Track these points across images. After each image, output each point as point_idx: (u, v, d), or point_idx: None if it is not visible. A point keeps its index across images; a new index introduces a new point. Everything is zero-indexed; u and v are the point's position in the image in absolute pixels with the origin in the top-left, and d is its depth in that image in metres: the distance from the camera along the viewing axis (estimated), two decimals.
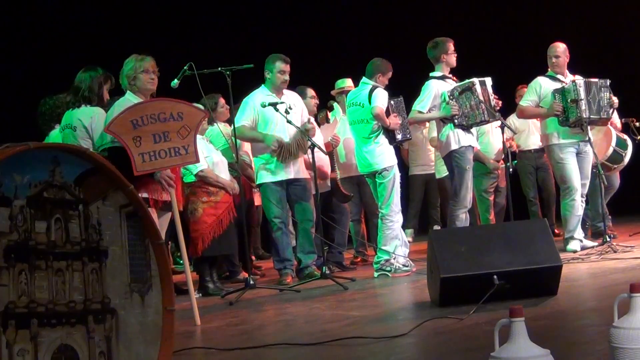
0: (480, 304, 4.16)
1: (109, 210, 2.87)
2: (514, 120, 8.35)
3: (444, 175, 8.33)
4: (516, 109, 7.58)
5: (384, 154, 6.64)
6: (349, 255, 7.90)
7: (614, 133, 7.65)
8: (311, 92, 7.45)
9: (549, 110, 7.06)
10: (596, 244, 7.03)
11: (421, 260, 6.43)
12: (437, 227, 9.35)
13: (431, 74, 6.99)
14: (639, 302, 2.46)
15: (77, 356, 2.67)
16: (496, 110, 6.84)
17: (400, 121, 6.67)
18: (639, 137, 8.06)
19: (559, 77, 7.23)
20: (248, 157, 7.38)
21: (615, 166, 7.80)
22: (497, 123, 7.08)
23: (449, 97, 6.78)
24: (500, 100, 7.01)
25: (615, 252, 6.44)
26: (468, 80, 6.79)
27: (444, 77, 6.93)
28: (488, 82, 6.90)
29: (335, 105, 7.84)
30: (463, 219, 6.77)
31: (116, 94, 5.24)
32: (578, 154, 7.09)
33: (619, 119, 8.04)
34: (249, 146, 7.54)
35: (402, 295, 5.66)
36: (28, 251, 2.57)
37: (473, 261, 4.38)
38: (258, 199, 7.85)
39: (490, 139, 7.99)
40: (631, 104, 7.56)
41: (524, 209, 8.92)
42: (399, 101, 6.77)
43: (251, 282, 5.85)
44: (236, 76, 5.99)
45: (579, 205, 7.04)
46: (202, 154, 6.23)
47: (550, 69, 7.29)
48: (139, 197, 3.00)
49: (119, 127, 4.54)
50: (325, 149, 6.94)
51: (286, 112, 6.36)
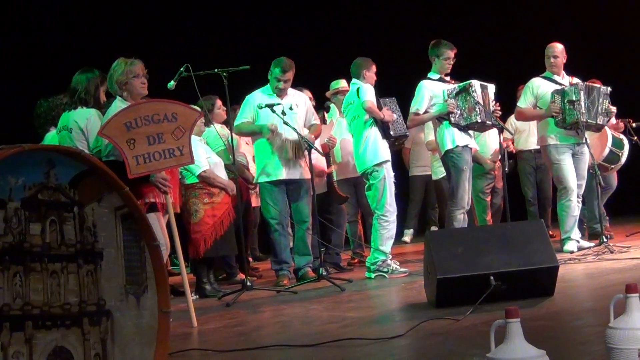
0: (476, 305, 4.16)
1: (104, 212, 2.87)
2: (514, 121, 8.34)
3: (441, 177, 8.33)
4: (514, 111, 7.57)
5: (375, 149, 6.58)
6: (346, 256, 7.89)
7: (609, 133, 7.66)
8: (307, 94, 7.44)
9: (547, 111, 7.05)
10: (593, 244, 7.04)
11: (418, 261, 6.44)
12: (435, 228, 9.35)
13: (428, 74, 6.98)
14: (635, 302, 2.46)
15: (72, 358, 2.67)
16: (495, 116, 6.82)
17: (395, 117, 6.67)
18: (635, 137, 8.06)
19: (556, 78, 7.22)
20: (245, 158, 7.38)
21: (612, 166, 7.81)
22: (496, 122, 7.04)
23: (448, 95, 6.78)
24: (501, 109, 6.99)
25: (612, 252, 6.44)
26: (467, 82, 6.79)
27: (440, 79, 6.92)
28: (491, 88, 6.88)
29: (332, 106, 7.84)
30: (461, 219, 6.77)
31: (112, 96, 5.23)
32: (574, 154, 7.08)
33: (616, 119, 8.04)
34: (245, 148, 7.54)
35: (398, 297, 5.66)
36: (23, 253, 2.57)
37: (470, 262, 4.38)
38: (255, 200, 7.85)
39: (487, 139, 7.98)
40: (628, 104, 7.56)
41: (522, 210, 8.92)
42: (392, 101, 6.77)
43: (248, 284, 5.84)
44: (233, 77, 5.98)
45: (575, 206, 7.03)
46: (204, 154, 6.23)
47: (547, 69, 7.28)
48: (134, 198, 3.00)
49: (112, 130, 4.51)
50: (321, 150, 6.95)
51: (283, 114, 6.35)
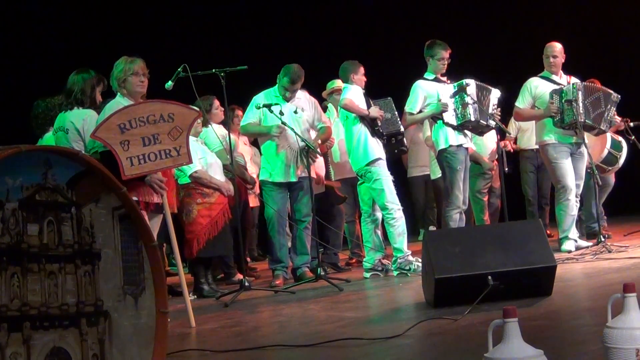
0: (474, 305, 4.16)
1: (101, 212, 2.86)
2: (516, 120, 8.33)
3: (439, 176, 8.32)
4: (513, 111, 7.55)
5: (365, 148, 6.57)
6: (343, 256, 7.90)
7: (608, 135, 7.65)
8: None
9: (545, 110, 7.05)
10: (591, 244, 7.04)
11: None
12: (433, 228, 9.34)
13: (424, 75, 6.98)
14: (633, 302, 2.46)
15: (70, 359, 2.67)
16: (495, 119, 6.81)
17: (389, 116, 6.65)
18: (633, 137, 8.07)
19: (554, 77, 7.22)
20: (243, 158, 7.38)
21: (609, 168, 7.81)
22: (493, 123, 7.04)
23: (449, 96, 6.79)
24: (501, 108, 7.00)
25: (610, 252, 6.44)
26: (462, 81, 6.78)
27: (436, 80, 6.90)
28: (494, 92, 6.87)
29: (330, 106, 7.84)
30: (457, 219, 6.76)
31: (109, 96, 5.22)
32: (572, 154, 7.08)
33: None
34: (244, 148, 7.54)
35: (396, 296, 5.66)
36: (20, 254, 2.56)
37: (467, 262, 4.38)
38: (253, 201, 7.85)
39: (484, 139, 7.97)
40: (626, 104, 7.55)
41: (520, 210, 8.90)
42: (387, 101, 6.77)
43: (246, 284, 5.85)
44: (230, 78, 5.98)
45: (573, 205, 7.03)
46: (196, 155, 6.22)
47: (545, 69, 7.27)
48: (132, 199, 3.00)
49: (105, 132, 4.46)
50: (319, 150, 6.94)
51: (280, 114, 6.35)
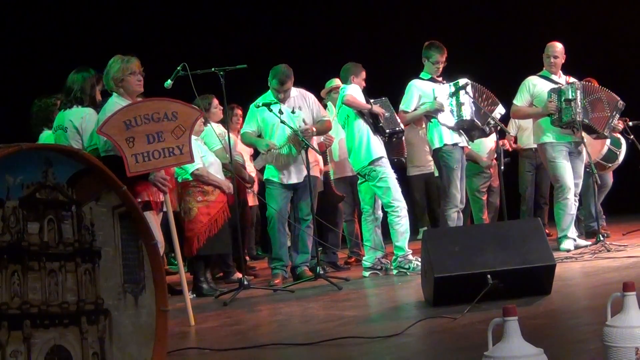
0: (474, 304, 4.17)
1: (102, 211, 2.87)
2: (516, 119, 8.33)
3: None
4: (511, 109, 7.55)
5: (368, 147, 6.57)
6: (343, 255, 7.90)
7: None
8: None
9: (543, 109, 7.04)
10: (589, 243, 7.05)
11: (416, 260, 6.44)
12: (425, 228, 9.32)
13: (420, 74, 6.98)
14: (632, 300, 2.47)
15: (70, 357, 2.67)
16: (493, 120, 6.81)
17: (388, 115, 6.66)
18: (632, 136, 8.08)
19: (553, 77, 7.22)
20: (241, 157, 7.38)
21: (609, 165, 7.82)
22: (487, 129, 7.02)
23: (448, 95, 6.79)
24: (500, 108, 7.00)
25: (609, 251, 6.45)
26: (458, 81, 6.77)
27: (431, 79, 6.89)
28: (499, 108, 6.87)
29: (329, 104, 7.84)
30: (455, 218, 6.77)
31: (108, 94, 5.22)
32: (571, 153, 7.08)
33: None
34: (242, 147, 7.53)
35: (396, 295, 5.66)
36: (21, 252, 2.56)
37: (467, 261, 4.38)
38: (251, 200, 7.85)
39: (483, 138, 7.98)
40: (625, 103, 7.54)
41: (519, 209, 8.90)
42: (384, 101, 6.77)
43: (245, 283, 5.85)
44: (229, 76, 5.99)
45: (572, 204, 7.03)
46: (199, 153, 6.23)
47: (545, 68, 7.26)
48: (132, 197, 3.00)
49: (111, 129, 4.49)
50: (318, 148, 6.95)
51: (280, 112, 6.35)
